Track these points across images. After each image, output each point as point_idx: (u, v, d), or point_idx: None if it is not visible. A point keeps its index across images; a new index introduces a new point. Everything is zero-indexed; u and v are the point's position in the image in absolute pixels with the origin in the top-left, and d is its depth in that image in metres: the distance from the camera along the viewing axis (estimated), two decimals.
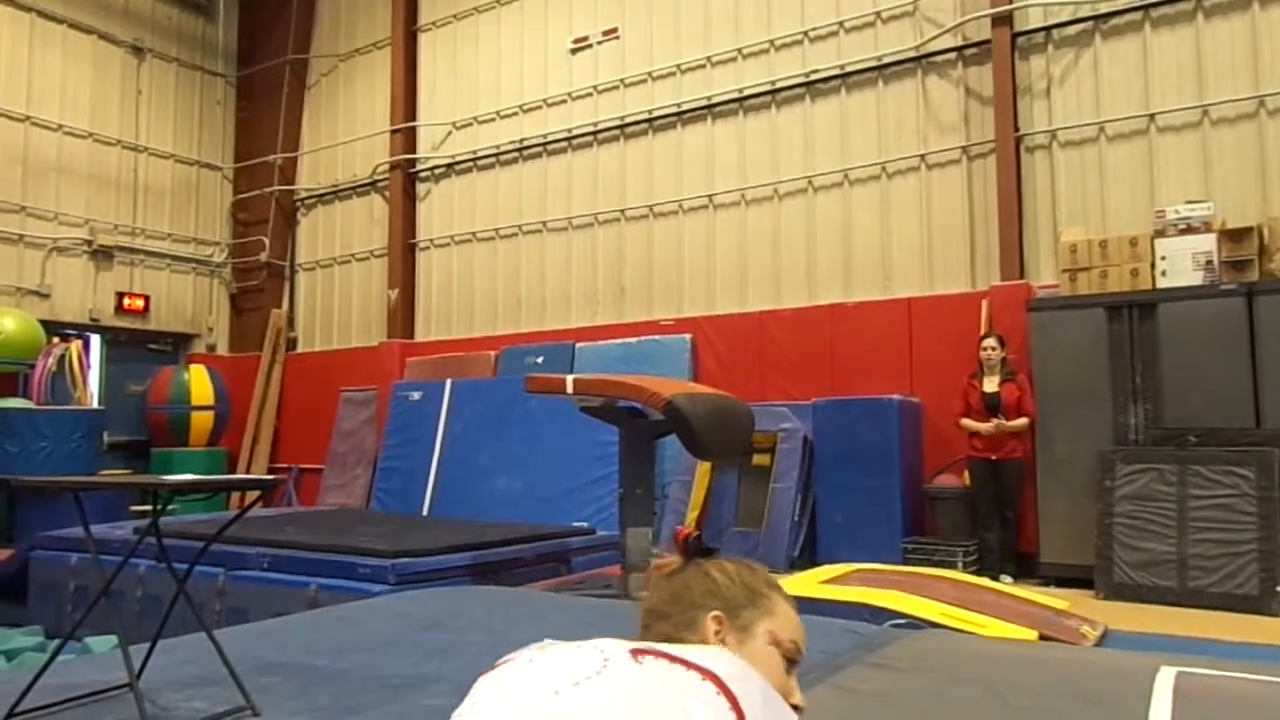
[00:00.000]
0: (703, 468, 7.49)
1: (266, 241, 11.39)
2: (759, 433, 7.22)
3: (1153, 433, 5.98)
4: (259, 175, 11.61)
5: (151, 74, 11.22)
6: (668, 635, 1.24)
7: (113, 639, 3.57)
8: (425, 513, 8.79)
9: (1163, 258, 6.15)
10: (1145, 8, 6.63)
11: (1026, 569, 6.28)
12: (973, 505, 6.50)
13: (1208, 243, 6.01)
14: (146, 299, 10.91)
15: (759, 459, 7.41)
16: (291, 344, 11.40)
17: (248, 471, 10.61)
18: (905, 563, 6.34)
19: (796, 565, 6.58)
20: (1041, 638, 4.41)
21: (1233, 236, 5.98)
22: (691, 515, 7.52)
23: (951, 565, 6.22)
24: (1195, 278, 6.02)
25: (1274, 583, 5.28)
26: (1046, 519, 6.29)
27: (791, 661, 1.27)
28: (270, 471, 10.82)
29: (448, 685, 2.63)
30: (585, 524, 7.23)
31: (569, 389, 5.65)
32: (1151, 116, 6.61)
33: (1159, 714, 2.56)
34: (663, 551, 1.64)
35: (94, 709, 2.82)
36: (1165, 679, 2.87)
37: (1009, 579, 6.12)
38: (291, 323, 11.48)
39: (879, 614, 4.40)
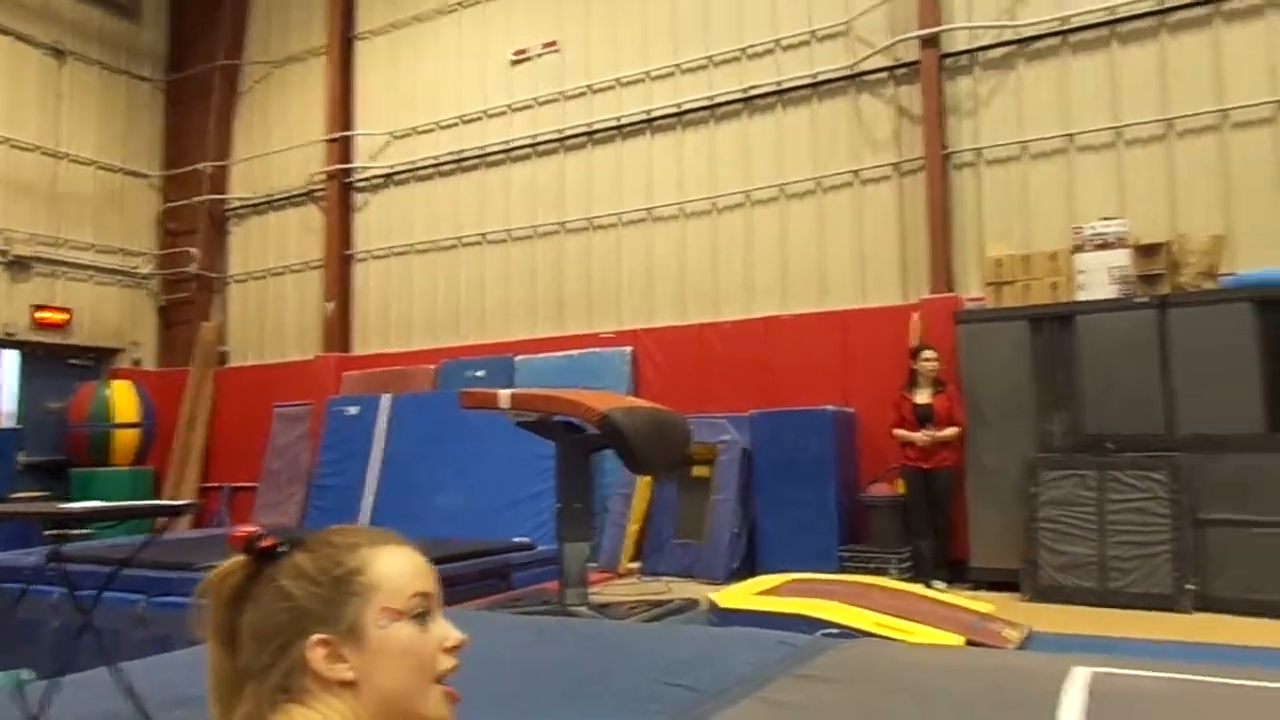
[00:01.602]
0: (643, 481, 7.53)
1: (197, 252, 11.10)
2: (699, 444, 7.29)
3: (1074, 440, 6.21)
4: (189, 184, 11.30)
5: (73, 77, 10.85)
6: (259, 705, 0.96)
7: (21, 673, 3.43)
8: None
9: (1081, 272, 6.41)
10: (1064, 33, 6.91)
11: (958, 574, 6.45)
12: (906, 513, 6.66)
13: (1122, 258, 6.29)
14: (68, 312, 10.52)
15: (699, 471, 7.48)
16: (223, 358, 11.11)
17: (177, 492, 10.29)
18: (842, 571, 6.46)
19: (736, 576, 6.65)
20: (968, 643, 4.55)
21: (1145, 252, 6.26)
22: (632, 528, 7.56)
23: (886, 572, 6.37)
24: (1111, 291, 6.29)
25: (1186, 582, 5.53)
26: (977, 525, 6.47)
27: (423, 614, 1.01)
28: (201, 491, 10.53)
29: None
30: (527, 539, 7.20)
31: (504, 404, 5.63)
32: (1071, 136, 6.88)
33: (1070, 713, 2.67)
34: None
35: None
36: (1079, 679, 2.99)
37: (941, 585, 6.28)
38: (223, 336, 11.19)
39: (812, 624, 4.49)
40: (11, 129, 10.22)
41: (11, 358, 10.22)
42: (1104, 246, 6.36)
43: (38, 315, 10.27)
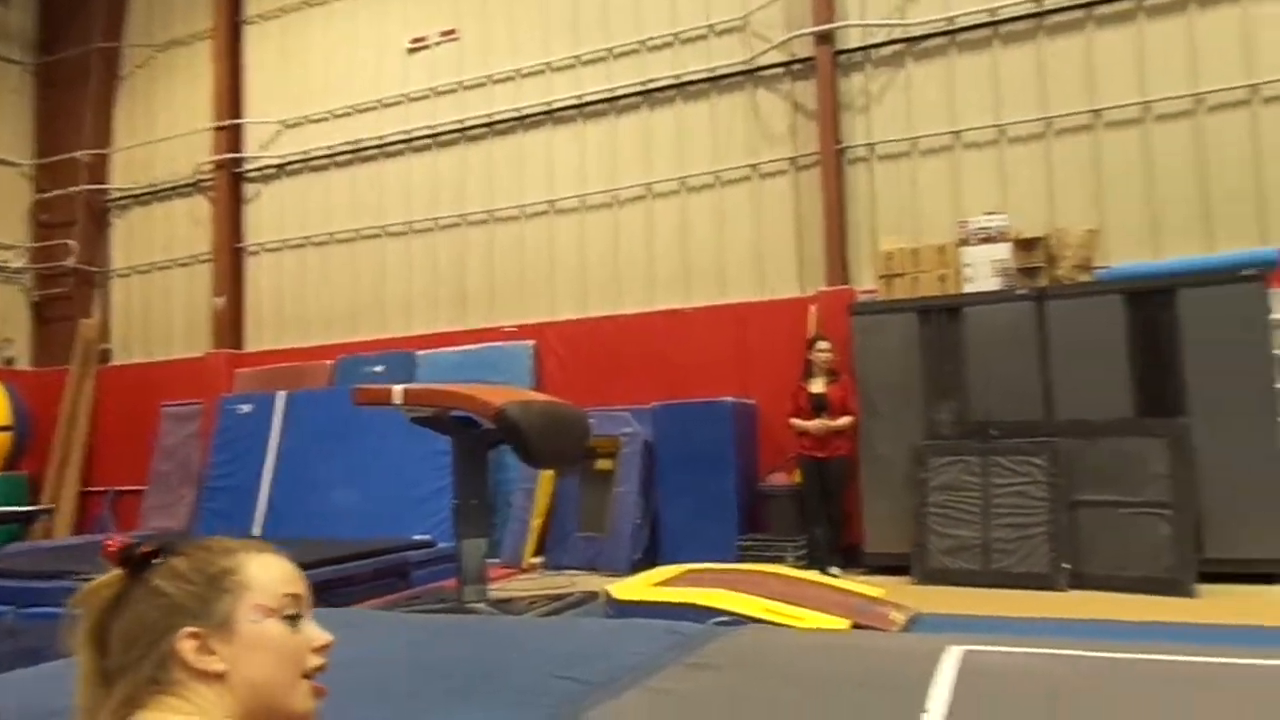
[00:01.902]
0: (545, 475, 7.48)
1: (75, 245, 10.49)
2: (601, 437, 7.28)
3: (960, 427, 6.43)
4: (64, 173, 10.67)
5: None
6: (131, 698, 1.00)
7: None
8: (256, 532, 8.33)
9: (967, 265, 6.64)
10: (951, 33, 7.14)
11: (853, 560, 6.60)
12: (802, 502, 6.78)
13: (1004, 251, 6.54)
14: None
15: (602, 464, 7.47)
16: (105, 356, 10.55)
17: (56, 496, 9.74)
18: (740, 560, 6.54)
19: (639, 567, 6.65)
20: (855, 626, 4.66)
21: (1025, 246, 6.52)
22: (535, 522, 7.50)
23: (783, 560, 6.47)
24: (994, 283, 6.53)
25: (1061, 561, 5.79)
26: (870, 512, 6.64)
27: (295, 615, 1.09)
28: (83, 495, 9.99)
29: None
30: (427, 536, 7.06)
31: (397, 400, 5.50)
32: (957, 133, 7.12)
33: (940, 692, 2.76)
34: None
35: None
36: (952, 658, 3.09)
37: (837, 570, 6.42)
38: (105, 333, 10.62)
39: (704, 613, 4.52)
40: None
41: None
42: (987, 240, 6.61)
43: None
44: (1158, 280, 6.07)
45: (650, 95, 8.17)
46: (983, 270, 6.57)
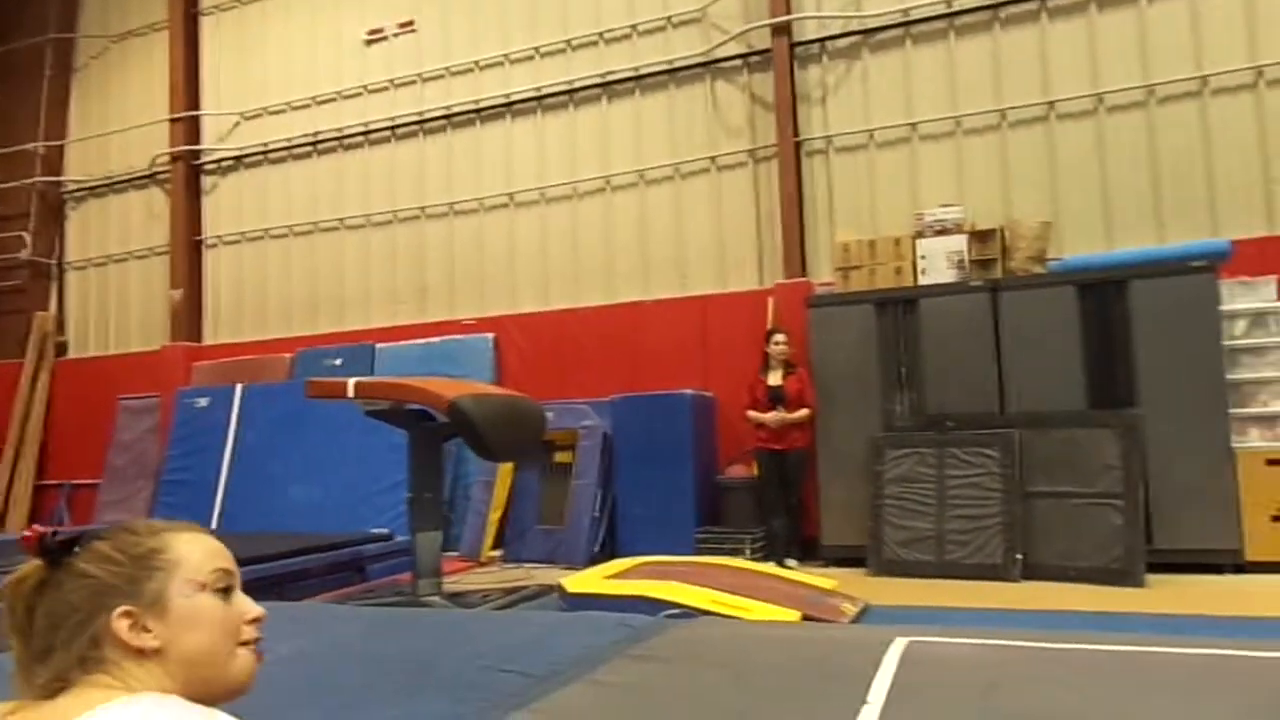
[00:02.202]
0: (505, 468, 7.43)
1: (28, 238, 10.30)
2: (561, 430, 7.26)
3: (916, 419, 6.45)
4: (18, 164, 10.46)
5: None
6: (61, 675, 1.02)
7: None
8: (214, 526, 8.23)
9: (923, 257, 6.67)
10: (906, 24, 7.15)
11: (810, 552, 6.61)
12: (760, 494, 6.79)
13: (959, 243, 6.57)
14: None
15: (561, 456, 7.44)
16: (61, 349, 10.37)
17: (9, 491, 9.57)
18: (697, 552, 6.54)
19: (597, 560, 6.63)
20: (805, 618, 4.67)
21: (980, 237, 6.56)
22: (494, 515, 7.46)
23: (740, 553, 6.48)
24: (950, 275, 6.56)
25: (1014, 552, 5.83)
26: (827, 504, 6.66)
27: (227, 589, 1.11)
28: (37, 489, 9.82)
29: None
30: (385, 529, 7.01)
31: (350, 393, 5.45)
32: (914, 125, 7.14)
33: (882, 682, 2.76)
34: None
35: None
36: (897, 649, 3.10)
37: (794, 563, 6.44)
38: (61, 326, 10.44)
39: (655, 605, 4.51)
40: None
41: None
42: (943, 232, 6.63)
43: None
44: (1110, 271, 6.12)
45: (609, 87, 8.13)
46: (938, 262, 6.60)
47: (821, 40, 7.39)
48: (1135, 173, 6.53)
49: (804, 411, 6.59)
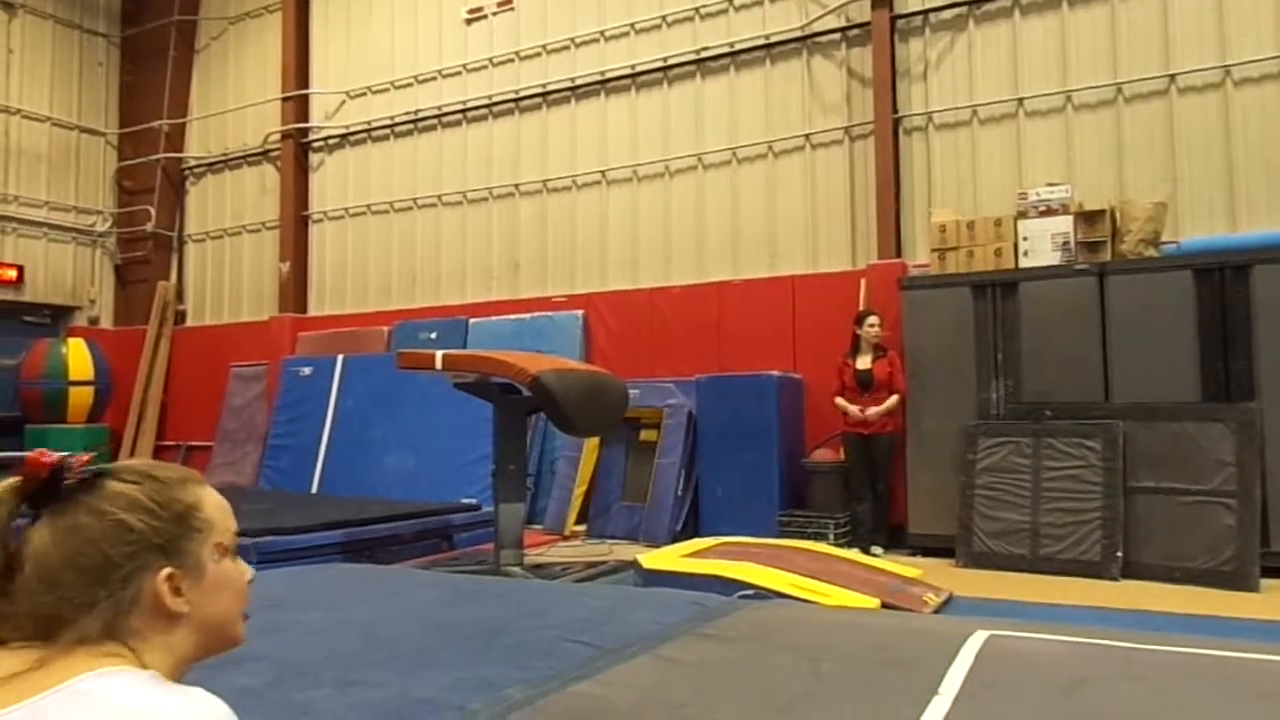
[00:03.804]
0: (591, 444, 7.52)
1: (153, 211, 10.95)
2: (646, 408, 7.29)
3: (1012, 407, 6.21)
4: (145, 141, 11.13)
5: (24, 31, 10.61)
6: (86, 636, 0.91)
7: None
8: (315, 490, 8.64)
9: (1025, 238, 6.37)
10: None
11: (896, 540, 6.48)
12: (846, 479, 6.67)
13: (1065, 224, 6.24)
14: (20, 269, 10.38)
15: (646, 434, 7.48)
16: (180, 317, 11.02)
17: (133, 449, 10.26)
18: (780, 535, 6.48)
19: (679, 538, 6.66)
20: (885, 606, 4.57)
21: (1088, 218, 6.22)
22: (579, 490, 7.56)
23: (823, 538, 6.39)
24: (1053, 258, 6.25)
25: (1114, 549, 5.56)
26: (915, 491, 6.49)
27: (237, 550, 1.07)
28: (158, 449, 10.49)
29: (266, 664, 2.59)
30: (473, 500, 7.20)
31: (438, 365, 5.59)
32: (1020, 101, 6.81)
33: (956, 674, 2.68)
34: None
35: None
36: (975, 642, 3.00)
37: (879, 550, 6.32)
38: (180, 295, 11.08)
39: (730, 585, 4.50)
40: None
41: None
42: (1048, 213, 6.32)
43: None
44: (1231, 255, 5.72)
45: (703, 64, 8.04)
46: (1041, 244, 6.29)
47: (925, 13, 7.11)
48: (1265, 151, 6.06)
49: (892, 400, 6.42)
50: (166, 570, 0.96)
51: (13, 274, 10.31)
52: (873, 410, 6.40)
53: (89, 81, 11.25)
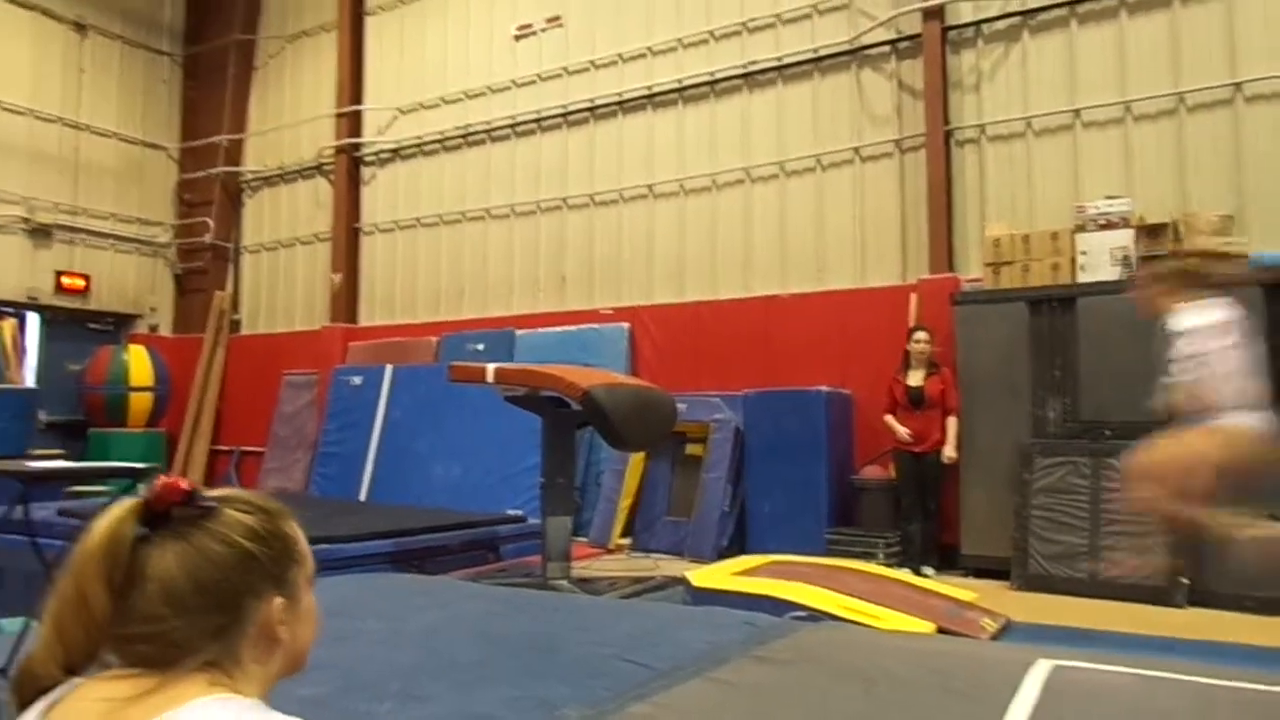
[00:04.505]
0: (636, 457, 7.51)
1: (211, 223, 11.25)
2: (692, 423, 7.26)
3: (1069, 426, 6.07)
4: (205, 156, 11.44)
5: (94, 51, 10.99)
6: (212, 660, 0.92)
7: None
8: (362, 498, 8.75)
9: (1083, 252, 6.23)
10: (1072, 3, 6.68)
11: (948, 561, 6.35)
12: (897, 497, 6.57)
13: (1125, 238, 6.09)
14: (87, 278, 10.73)
15: (692, 449, 7.45)
16: (235, 326, 11.28)
17: (188, 454, 10.50)
18: (828, 554, 6.39)
19: (725, 554, 6.61)
20: (941, 630, 4.48)
21: (1149, 232, 6.06)
22: (624, 504, 7.56)
23: (873, 557, 6.29)
24: (1113, 273, 6.09)
25: (1180, 575, 5.39)
26: (968, 511, 6.37)
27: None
28: (212, 454, 10.73)
29: (331, 673, 2.62)
30: (519, 511, 7.23)
31: (489, 378, 5.64)
32: (1077, 112, 6.67)
33: (1022, 706, 2.60)
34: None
35: None
36: (1040, 672, 2.92)
37: (930, 571, 6.20)
38: (235, 305, 11.35)
39: (781, 605, 4.45)
40: (36, 101, 10.41)
41: (34, 321, 10.45)
42: (1107, 226, 6.17)
43: (62, 281, 10.49)
44: None
45: (751, 77, 8.02)
46: (1100, 258, 6.14)
47: (977, 23, 7.01)
48: None
49: (952, 429, 6.30)
50: (280, 600, 0.98)
51: (81, 283, 10.65)
52: (948, 452, 6.28)
53: (153, 98, 11.61)
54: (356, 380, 9.37)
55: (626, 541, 7.41)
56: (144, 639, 0.91)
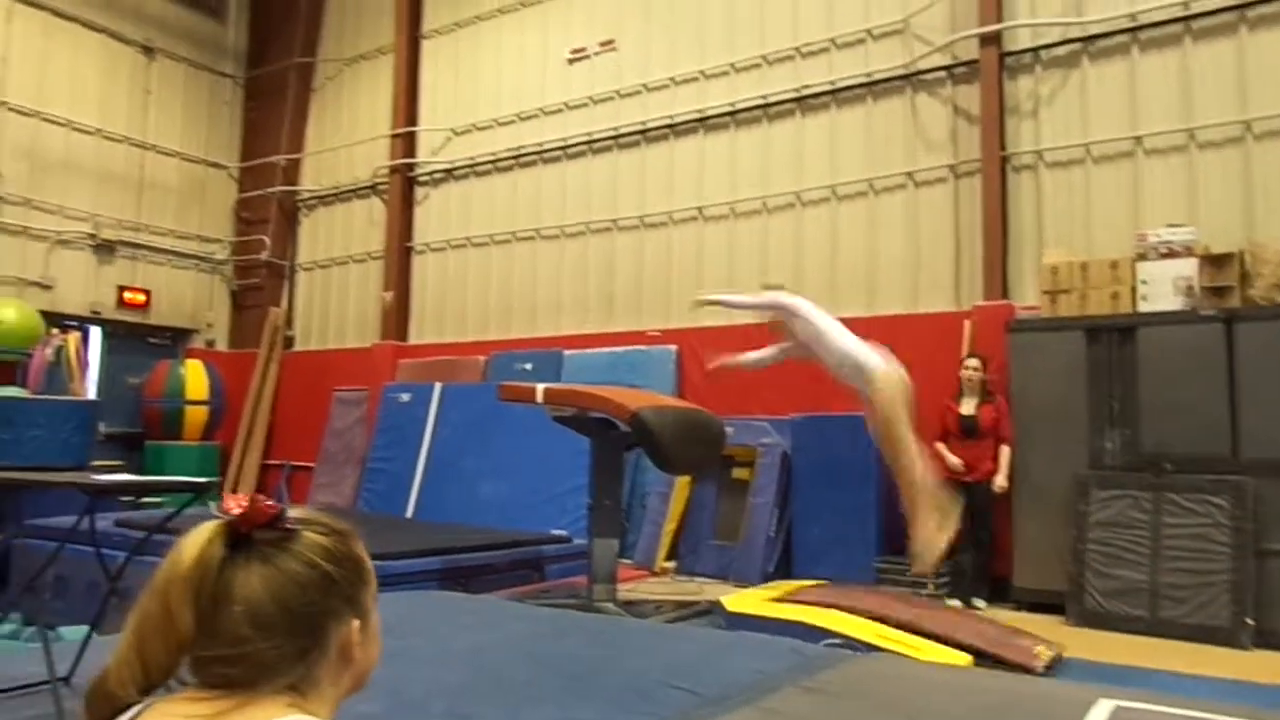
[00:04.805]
0: (682, 480, 7.49)
1: (268, 241, 11.52)
2: (739, 446, 7.22)
3: (1129, 458, 5.92)
4: (263, 175, 11.74)
5: (161, 73, 11.38)
6: (294, 682, 0.93)
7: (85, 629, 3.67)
8: (409, 515, 8.83)
9: (1144, 281, 6.09)
10: (1133, 30, 6.58)
11: (1000, 593, 6.21)
12: None
13: (1189, 267, 5.95)
14: (147, 293, 11.04)
15: (739, 473, 7.40)
16: (289, 342, 11.51)
17: (240, 467, 10.70)
18: (878, 582, 6.31)
19: (771, 579, 6.55)
20: (993, 657, 4.38)
21: (1214, 262, 5.91)
22: (669, 526, 7.53)
23: (923, 586, 6.18)
24: (1175, 303, 5.96)
25: (1244, 615, 5.21)
26: (1021, 542, 6.23)
27: None
28: (263, 467, 10.92)
29: (378, 691, 2.64)
30: (564, 531, 7.24)
31: (539, 398, 5.68)
32: (1138, 139, 6.55)
33: None
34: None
35: (17, 702, 2.87)
36: (1101, 713, 2.83)
37: (981, 603, 6.08)
38: (289, 321, 11.59)
39: (815, 633, 4.40)
40: (104, 121, 10.78)
41: (96, 334, 10.78)
42: (1170, 255, 6.03)
43: (124, 296, 10.82)
44: None
45: (804, 101, 8.02)
46: (1162, 288, 6.01)
47: (1035, 50, 6.94)
48: None
49: (1005, 459, 6.18)
50: (356, 622, 0.99)
51: (142, 298, 10.97)
52: (1000, 481, 6.17)
53: (216, 119, 11.97)
54: (405, 397, 9.49)
55: (671, 564, 7.37)
56: (228, 661, 0.90)
